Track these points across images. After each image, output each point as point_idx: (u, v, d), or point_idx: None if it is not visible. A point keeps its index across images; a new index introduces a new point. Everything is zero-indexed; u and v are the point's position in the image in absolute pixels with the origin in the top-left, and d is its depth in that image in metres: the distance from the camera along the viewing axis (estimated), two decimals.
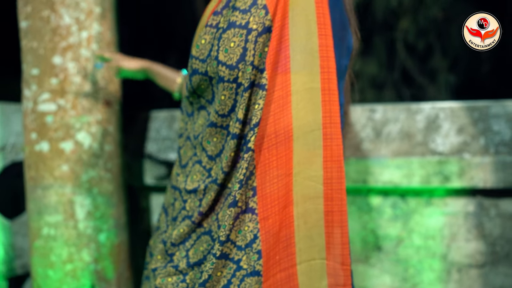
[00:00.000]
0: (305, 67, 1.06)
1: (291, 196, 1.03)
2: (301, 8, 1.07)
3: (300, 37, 1.06)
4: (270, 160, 1.03)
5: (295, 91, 1.04)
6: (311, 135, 1.02)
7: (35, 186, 1.91)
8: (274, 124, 1.04)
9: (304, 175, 1.02)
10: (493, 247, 2.10)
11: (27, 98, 1.94)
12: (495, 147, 2.07)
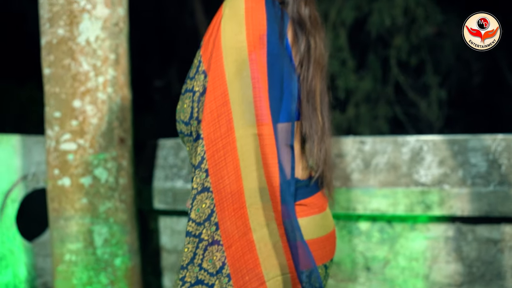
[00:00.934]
0: (243, 118, 1.22)
1: (248, 224, 1.23)
2: (236, 69, 1.21)
3: (236, 98, 1.21)
4: (226, 199, 1.23)
5: (239, 137, 1.20)
6: (256, 173, 1.20)
7: (58, 217, 2.13)
8: (226, 167, 1.21)
9: (256, 206, 1.22)
10: (470, 268, 2.32)
11: (50, 138, 2.16)
12: (472, 179, 2.29)
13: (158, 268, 2.84)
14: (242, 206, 1.19)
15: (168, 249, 2.85)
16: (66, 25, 2.12)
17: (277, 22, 1.25)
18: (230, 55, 1.19)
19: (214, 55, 1.19)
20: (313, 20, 1.34)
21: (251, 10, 1.22)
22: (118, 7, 2.24)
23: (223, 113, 1.19)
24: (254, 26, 1.21)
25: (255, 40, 1.20)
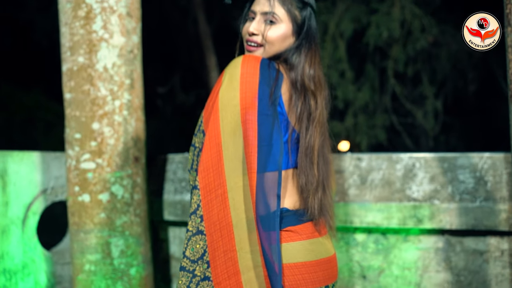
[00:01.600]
0: (234, 172, 1.40)
1: (237, 267, 1.40)
2: (231, 130, 1.39)
3: (229, 154, 1.39)
4: (217, 241, 1.40)
5: (229, 189, 1.38)
6: (246, 222, 1.38)
7: (78, 230, 2.31)
8: (218, 214, 1.39)
9: (245, 250, 1.39)
10: (458, 277, 2.51)
11: (70, 157, 2.34)
12: (460, 195, 2.48)
13: (168, 275, 3.03)
14: (233, 250, 1.36)
15: (177, 257, 3.03)
16: (85, 53, 2.30)
17: (270, 85, 1.41)
18: (225, 118, 1.37)
19: (212, 118, 1.38)
20: (317, 81, 1.49)
21: (245, 76, 1.40)
22: (132, 35, 2.42)
23: (217, 168, 1.37)
24: (247, 90, 1.39)
25: (247, 102, 1.37)
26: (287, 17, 1.49)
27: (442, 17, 6.15)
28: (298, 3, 1.51)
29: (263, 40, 1.48)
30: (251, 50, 1.50)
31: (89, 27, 2.30)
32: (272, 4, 1.48)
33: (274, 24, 1.48)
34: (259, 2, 1.51)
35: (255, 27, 1.48)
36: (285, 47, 1.50)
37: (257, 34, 1.48)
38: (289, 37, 1.50)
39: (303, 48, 1.51)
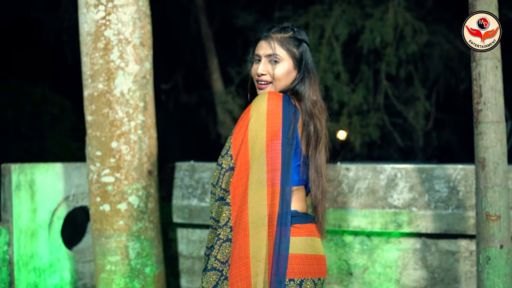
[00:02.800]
0: (257, 192, 1.72)
1: (249, 271, 1.72)
2: (257, 156, 1.71)
3: (254, 174, 1.71)
4: (237, 250, 1.71)
5: (250, 207, 1.70)
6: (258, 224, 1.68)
7: (100, 235, 2.65)
8: (239, 226, 1.71)
9: (256, 259, 1.70)
10: (433, 274, 2.85)
11: (92, 172, 2.66)
12: (435, 203, 2.81)
13: (176, 271, 3.37)
14: (247, 257, 1.69)
15: (184, 255, 3.37)
16: (104, 80, 2.61)
17: (290, 120, 1.72)
18: (254, 148, 1.69)
19: (243, 148, 1.70)
20: (319, 107, 1.82)
21: (271, 113, 1.71)
22: (145, 62, 2.73)
23: (244, 191, 1.69)
24: (272, 125, 1.71)
25: (272, 135, 1.69)
26: (287, 55, 1.80)
27: (435, 16, 6.41)
28: (295, 42, 1.83)
29: (271, 78, 1.79)
30: (262, 88, 1.81)
31: (107, 57, 2.61)
32: (273, 47, 1.79)
33: (277, 63, 1.79)
34: (261, 47, 1.82)
35: (263, 69, 1.80)
36: (290, 80, 1.81)
37: (265, 74, 1.80)
38: (292, 71, 1.81)
39: (306, 79, 1.83)
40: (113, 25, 2.61)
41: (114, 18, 2.61)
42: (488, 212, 2.23)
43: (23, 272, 2.78)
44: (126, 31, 2.63)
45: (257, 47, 1.84)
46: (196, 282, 3.32)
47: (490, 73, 2.29)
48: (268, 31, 1.83)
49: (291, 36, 1.82)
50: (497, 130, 2.26)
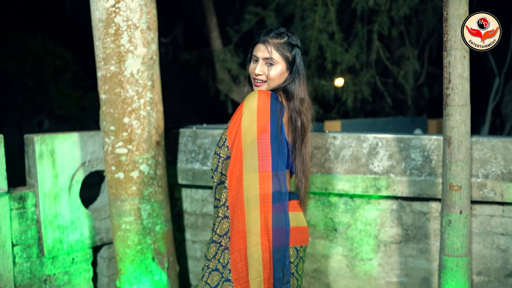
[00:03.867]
0: (250, 177, 2.03)
1: (245, 243, 2.03)
2: (248, 146, 2.03)
3: (247, 161, 2.04)
4: (235, 224, 2.06)
5: (245, 189, 2.04)
6: (251, 203, 2.02)
7: (116, 199, 3.03)
8: (235, 206, 2.05)
9: (250, 233, 2.04)
10: (406, 231, 3.26)
11: (107, 144, 3.00)
12: (410, 170, 3.17)
13: (182, 226, 3.79)
14: (243, 231, 2.04)
15: (189, 212, 3.78)
16: (116, 63, 2.90)
17: (277, 115, 2.03)
18: (246, 140, 2.01)
19: (237, 140, 2.03)
20: (306, 105, 2.14)
21: (260, 110, 2.01)
22: (152, 44, 3.01)
23: (239, 177, 2.01)
24: (262, 120, 2.01)
25: (262, 129, 1.99)
26: (281, 59, 2.10)
27: None
28: (288, 47, 2.13)
29: (267, 78, 2.10)
30: (258, 85, 2.12)
31: (118, 42, 2.89)
32: (270, 51, 2.09)
33: (273, 65, 2.10)
34: (260, 49, 2.12)
35: (260, 69, 2.10)
36: (282, 80, 2.13)
37: (261, 74, 2.11)
38: (284, 72, 2.12)
39: (296, 80, 2.14)
40: (122, 12, 2.87)
41: (123, 5, 2.86)
42: (451, 183, 2.59)
43: (49, 229, 3.17)
44: (134, 17, 2.90)
45: (256, 49, 2.14)
46: (199, 236, 3.74)
47: (458, 62, 2.59)
48: (266, 36, 2.12)
49: (285, 41, 2.12)
50: (462, 113, 2.59)
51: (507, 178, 2.96)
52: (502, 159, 3.02)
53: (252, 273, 2.02)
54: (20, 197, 3.07)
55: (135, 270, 3.07)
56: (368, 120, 6.15)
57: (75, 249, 3.32)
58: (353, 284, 3.36)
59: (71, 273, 3.32)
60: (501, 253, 3.05)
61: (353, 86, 5.91)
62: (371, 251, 3.32)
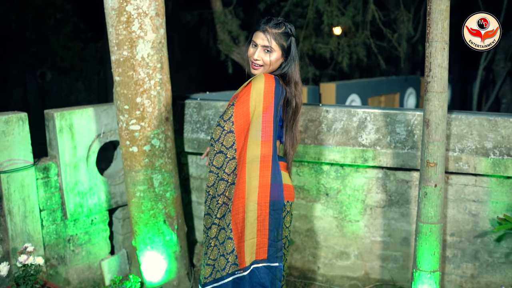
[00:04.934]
0: (253, 143, 2.37)
1: (245, 192, 2.43)
2: (254, 121, 2.37)
3: (252, 133, 2.38)
4: (239, 173, 2.43)
5: (248, 151, 2.37)
6: (253, 162, 2.38)
7: (130, 170, 3.38)
8: (241, 159, 2.40)
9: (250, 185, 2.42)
10: (390, 197, 3.64)
11: (122, 121, 3.32)
12: (395, 143, 3.51)
13: (188, 189, 4.18)
14: (243, 197, 2.38)
15: (194, 176, 4.15)
16: (128, 48, 3.17)
17: (278, 97, 2.36)
18: (252, 116, 2.35)
19: (245, 116, 2.35)
20: (299, 88, 2.48)
21: (266, 91, 2.33)
22: (160, 29, 3.26)
23: (244, 144, 2.36)
24: (266, 101, 2.34)
25: (265, 108, 2.32)
26: (278, 47, 2.41)
27: None
28: (285, 36, 2.43)
29: (263, 63, 2.41)
30: (255, 69, 2.44)
31: (130, 29, 3.14)
32: (269, 40, 2.39)
33: (270, 52, 2.40)
34: (259, 37, 2.41)
35: (258, 55, 2.41)
36: (277, 65, 2.45)
37: (259, 60, 2.41)
38: (280, 59, 2.43)
39: (292, 65, 2.45)
40: (132, 1, 3.10)
41: None
42: (428, 160, 2.94)
43: (70, 195, 3.55)
44: (144, 5, 3.14)
45: (256, 35, 2.43)
46: (204, 198, 4.13)
47: (438, 53, 2.87)
48: (266, 24, 2.40)
49: (283, 31, 2.41)
50: (440, 98, 2.90)
51: (480, 153, 3.31)
52: (477, 135, 3.36)
53: (247, 234, 2.39)
54: (44, 168, 3.42)
55: (148, 232, 3.47)
56: (362, 82, 6.40)
57: (93, 212, 3.71)
58: (341, 243, 3.79)
59: (91, 233, 3.73)
60: (472, 218, 3.45)
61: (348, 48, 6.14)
62: (358, 214, 3.72)
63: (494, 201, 3.37)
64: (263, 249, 2.41)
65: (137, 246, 3.51)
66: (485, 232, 3.43)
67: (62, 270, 3.58)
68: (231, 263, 2.41)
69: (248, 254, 2.40)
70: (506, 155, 3.25)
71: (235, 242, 2.42)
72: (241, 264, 2.40)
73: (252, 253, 2.40)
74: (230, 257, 2.41)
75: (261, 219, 2.38)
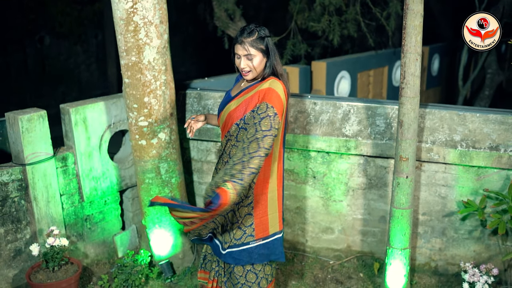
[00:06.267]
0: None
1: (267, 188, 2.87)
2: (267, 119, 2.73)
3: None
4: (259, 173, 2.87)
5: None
6: None
7: (140, 160, 3.82)
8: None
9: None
10: (370, 181, 4.11)
11: (131, 117, 3.72)
12: (374, 134, 3.94)
13: (190, 170, 4.63)
14: (266, 180, 2.80)
15: (195, 159, 4.59)
16: (136, 54, 3.53)
17: (285, 100, 2.67)
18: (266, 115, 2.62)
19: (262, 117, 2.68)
20: (285, 76, 2.84)
21: (277, 97, 2.60)
22: (164, 35, 3.61)
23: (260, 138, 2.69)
24: (280, 106, 2.62)
25: (278, 110, 2.58)
26: (257, 51, 2.75)
27: None
28: (260, 40, 2.75)
29: (250, 68, 2.77)
30: (246, 75, 2.78)
31: (137, 36, 3.49)
32: (247, 49, 2.72)
33: (252, 59, 2.76)
34: (239, 49, 2.74)
35: (244, 64, 2.75)
36: (263, 66, 2.78)
37: (246, 67, 2.77)
38: (263, 60, 2.78)
39: (274, 61, 2.80)
40: (139, 12, 3.44)
41: (139, 6, 3.43)
42: (401, 155, 3.38)
43: (86, 180, 4.00)
44: (149, 15, 3.47)
45: (236, 48, 2.73)
46: (204, 178, 4.59)
47: (412, 63, 3.25)
48: (241, 37, 2.73)
49: (257, 37, 2.74)
50: (412, 103, 3.31)
51: (449, 145, 3.75)
52: (447, 128, 3.79)
53: (269, 209, 2.78)
54: (63, 157, 3.85)
55: (156, 213, 3.94)
56: (351, 58, 6.73)
57: (106, 194, 4.17)
58: (327, 219, 4.28)
59: (104, 212, 4.20)
60: (441, 200, 3.93)
61: (339, 26, 6.44)
62: (342, 195, 4.20)
63: (460, 186, 3.84)
64: (281, 222, 2.85)
65: (147, 225, 4.00)
66: (452, 212, 3.92)
67: (81, 245, 4.08)
68: (248, 234, 2.80)
69: (271, 226, 2.80)
70: (472, 147, 3.69)
71: (255, 216, 2.77)
72: (263, 233, 2.78)
73: (274, 225, 2.81)
74: (248, 230, 2.78)
75: (279, 198, 2.82)
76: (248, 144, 2.49)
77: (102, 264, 4.18)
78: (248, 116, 2.69)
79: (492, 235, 3.85)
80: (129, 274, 3.81)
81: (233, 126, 2.74)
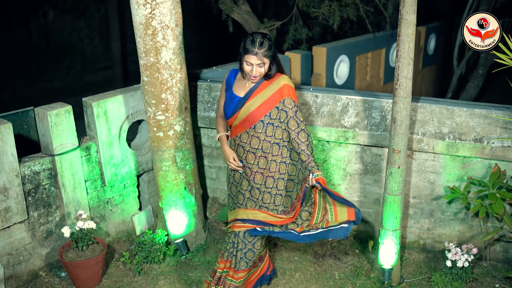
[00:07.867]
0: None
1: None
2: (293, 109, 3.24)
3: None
4: None
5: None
6: None
7: (157, 150, 4.20)
8: None
9: None
10: (366, 167, 4.51)
11: (149, 112, 4.08)
12: (370, 126, 4.32)
13: (201, 155, 5.02)
14: None
15: (206, 145, 4.97)
16: (154, 55, 3.86)
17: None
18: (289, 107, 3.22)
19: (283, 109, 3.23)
20: (285, 72, 3.36)
21: (294, 91, 3.22)
22: (179, 37, 3.93)
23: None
24: (295, 97, 3.20)
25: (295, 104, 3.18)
26: (268, 59, 3.18)
27: None
28: (270, 49, 3.17)
29: (260, 74, 3.19)
30: (254, 79, 3.22)
31: (155, 39, 3.82)
32: (261, 59, 3.15)
33: (263, 66, 3.17)
34: (252, 59, 3.17)
35: (256, 72, 3.18)
36: (268, 66, 3.21)
37: (257, 75, 3.19)
38: (270, 64, 3.20)
39: (277, 60, 3.24)
40: (157, 17, 3.75)
41: (157, 12, 3.74)
42: (394, 148, 3.77)
43: (107, 167, 4.39)
44: (166, 20, 3.79)
45: (249, 57, 3.17)
46: (214, 163, 4.99)
47: (405, 67, 3.60)
48: (253, 47, 3.12)
49: (268, 47, 3.15)
50: (405, 102, 3.67)
51: (437, 136, 4.14)
52: (437, 121, 4.17)
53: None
54: (87, 147, 4.23)
55: (172, 196, 4.36)
56: (350, 42, 7.02)
57: (125, 178, 4.57)
58: None
59: (124, 195, 4.62)
60: (430, 185, 4.35)
61: (339, 11, 6.72)
62: (340, 179, 4.61)
63: (447, 173, 4.25)
64: None
65: (163, 207, 4.42)
66: (440, 196, 4.34)
67: (103, 225, 4.50)
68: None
69: (340, 214, 3.28)
70: (458, 139, 4.08)
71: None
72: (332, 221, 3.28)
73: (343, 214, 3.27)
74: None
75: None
76: (296, 135, 3.24)
77: (122, 241, 4.62)
78: (273, 112, 3.24)
79: (474, 217, 4.29)
80: (148, 251, 4.25)
81: (258, 123, 3.25)
